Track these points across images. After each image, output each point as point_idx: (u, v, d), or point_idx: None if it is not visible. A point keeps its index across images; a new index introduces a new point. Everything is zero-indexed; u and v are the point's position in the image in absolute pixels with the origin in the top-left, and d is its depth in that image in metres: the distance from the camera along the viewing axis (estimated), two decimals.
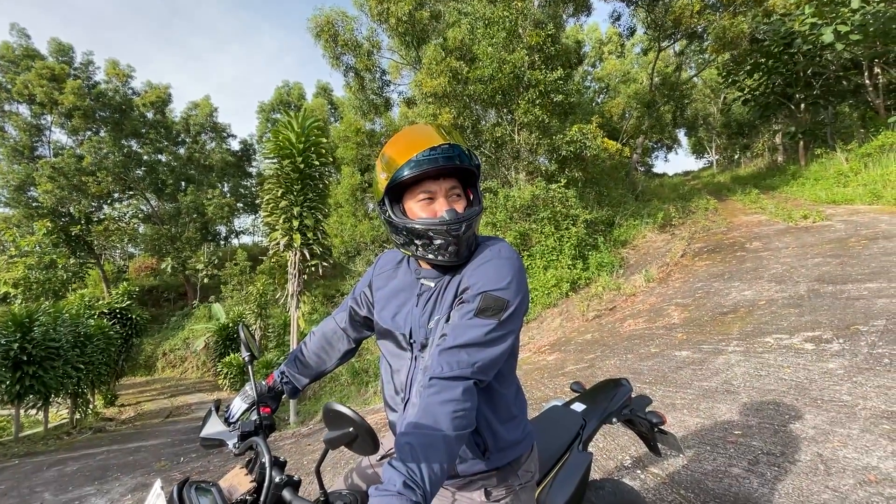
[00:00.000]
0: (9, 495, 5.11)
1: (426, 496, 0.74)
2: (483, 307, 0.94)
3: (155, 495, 0.95)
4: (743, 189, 16.94)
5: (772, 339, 4.29)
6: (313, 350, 1.36)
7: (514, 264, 1.01)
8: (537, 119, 12.00)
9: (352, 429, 0.83)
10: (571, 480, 1.35)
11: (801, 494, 2.18)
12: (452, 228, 0.98)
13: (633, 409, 1.71)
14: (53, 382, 10.06)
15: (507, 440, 1.07)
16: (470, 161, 1.01)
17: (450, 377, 0.88)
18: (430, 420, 0.83)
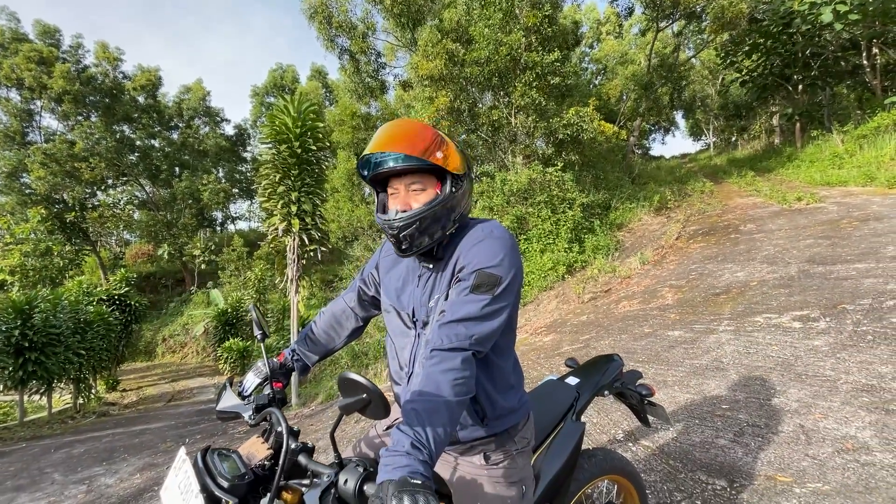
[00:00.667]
0: (19, 476, 5.25)
1: (432, 455, 0.81)
2: (477, 284, 1.01)
3: (181, 460, 1.01)
4: (739, 171, 16.99)
5: (761, 318, 4.41)
6: (323, 328, 1.43)
7: (506, 242, 1.07)
8: (534, 102, 11.93)
9: (365, 395, 0.90)
10: (565, 448, 1.45)
11: (783, 462, 2.30)
12: (392, 228, 1.07)
13: (624, 382, 1.80)
14: (56, 368, 10.16)
15: (504, 408, 1.15)
16: (418, 162, 1.04)
17: (449, 349, 0.95)
18: (433, 388, 0.90)
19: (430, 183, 1.10)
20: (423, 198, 1.09)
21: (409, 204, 1.09)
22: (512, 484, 1.15)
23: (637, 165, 19.41)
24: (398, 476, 0.74)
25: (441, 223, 1.09)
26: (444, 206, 1.08)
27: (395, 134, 1.07)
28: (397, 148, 1.04)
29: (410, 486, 0.71)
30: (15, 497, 4.35)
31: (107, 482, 4.65)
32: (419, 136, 1.06)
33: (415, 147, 1.04)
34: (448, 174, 1.10)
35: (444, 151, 1.08)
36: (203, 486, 0.90)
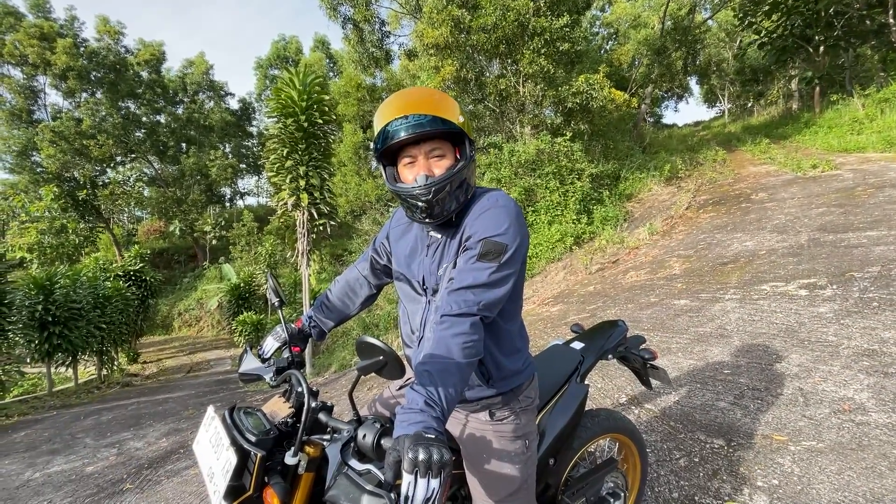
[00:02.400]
0: (53, 441, 5.57)
1: (444, 412, 0.86)
2: (484, 252, 1.05)
3: (210, 418, 1.09)
4: (753, 139, 16.55)
5: (768, 286, 4.43)
6: (338, 296, 1.50)
7: (511, 211, 1.10)
8: (542, 69, 11.62)
9: (382, 357, 0.96)
10: (569, 408, 1.53)
11: (780, 422, 2.39)
12: (422, 194, 1.07)
13: (627, 346, 1.86)
14: (79, 341, 10.56)
15: (509, 370, 1.22)
16: (443, 125, 1.06)
17: (458, 314, 1.00)
18: (444, 350, 0.95)
19: (448, 149, 1.12)
20: (444, 163, 1.11)
21: (431, 170, 1.10)
22: (516, 438, 1.22)
23: (648, 134, 18.98)
24: (413, 431, 0.80)
25: (464, 187, 1.12)
26: (467, 169, 1.11)
27: (415, 98, 1.07)
28: (420, 109, 1.05)
29: (425, 439, 0.77)
30: (51, 459, 4.64)
31: (135, 445, 4.92)
32: (438, 99, 1.07)
33: (437, 108, 1.05)
34: (466, 138, 1.12)
35: (464, 115, 1.10)
36: (233, 440, 0.98)
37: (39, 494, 3.61)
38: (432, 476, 0.75)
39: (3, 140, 25.83)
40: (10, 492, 3.75)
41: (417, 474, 0.74)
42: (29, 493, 3.66)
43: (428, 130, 1.06)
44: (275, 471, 0.99)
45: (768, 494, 1.93)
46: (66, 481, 3.88)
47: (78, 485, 3.74)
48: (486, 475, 1.19)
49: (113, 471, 4.02)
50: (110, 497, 3.37)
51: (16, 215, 22.70)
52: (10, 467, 4.48)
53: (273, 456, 1.01)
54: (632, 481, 1.84)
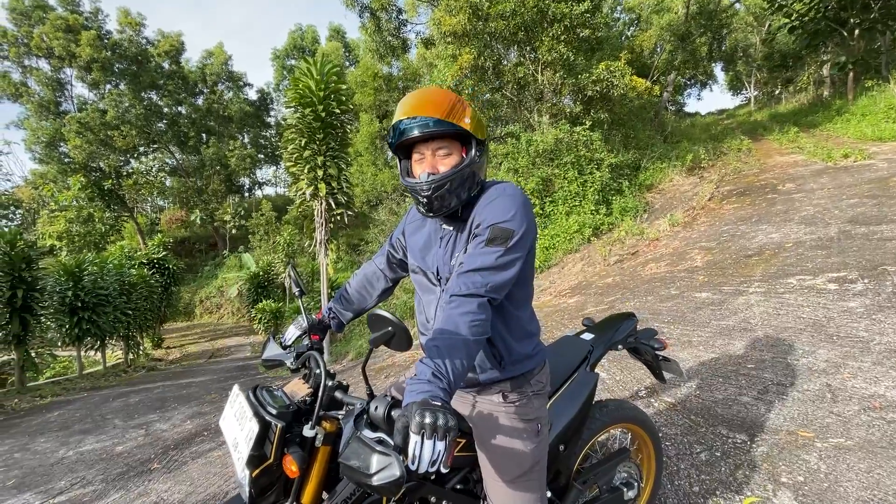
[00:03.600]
0: (84, 421, 5.80)
1: (451, 384, 0.90)
2: (492, 237, 1.10)
3: (235, 395, 1.17)
4: (781, 127, 16.00)
5: (794, 280, 4.30)
6: (356, 289, 1.58)
7: (517, 199, 1.15)
8: (562, 57, 11.39)
9: (390, 328, 1.01)
10: (579, 396, 1.55)
11: (806, 419, 2.33)
12: (422, 189, 1.14)
13: (637, 337, 1.85)
14: (107, 326, 10.94)
15: (520, 353, 1.26)
16: (449, 127, 1.11)
17: (466, 294, 1.05)
18: (452, 327, 0.99)
19: (456, 148, 1.17)
20: (450, 161, 1.16)
21: (437, 167, 1.16)
22: (528, 421, 1.25)
23: (670, 123, 18.51)
24: (420, 398, 0.84)
25: (466, 185, 1.17)
26: (470, 168, 1.15)
27: (425, 99, 1.13)
28: (427, 112, 1.11)
29: (431, 405, 0.81)
30: (83, 438, 4.84)
31: (161, 427, 5.09)
32: (447, 102, 1.12)
33: (444, 111, 1.11)
34: (473, 139, 1.17)
35: (470, 116, 1.15)
36: (255, 412, 1.05)
37: (73, 472, 3.77)
38: (438, 438, 0.79)
39: (32, 131, 26.66)
40: (46, 468, 3.93)
41: (424, 436, 0.79)
42: (63, 470, 3.83)
43: (434, 130, 1.11)
44: (294, 442, 1.06)
45: (793, 491, 1.89)
46: (97, 460, 4.04)
47: (108, 463, 3.90)
48: (498, 455, 1.22)
49: (141, 451, 4.18)
50: (139, 476, 3.50)
51: (45, 204, 23.51)
52: (45, 445, 4.69)
53: (292, 429, 1.07)
54: (647, 472, 1.84)
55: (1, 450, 4.65)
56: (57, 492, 3.35)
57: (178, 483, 3.24)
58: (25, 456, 4.37)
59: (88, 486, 3.40)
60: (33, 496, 3.31)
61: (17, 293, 8.27)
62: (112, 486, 3.33)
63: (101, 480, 3.48)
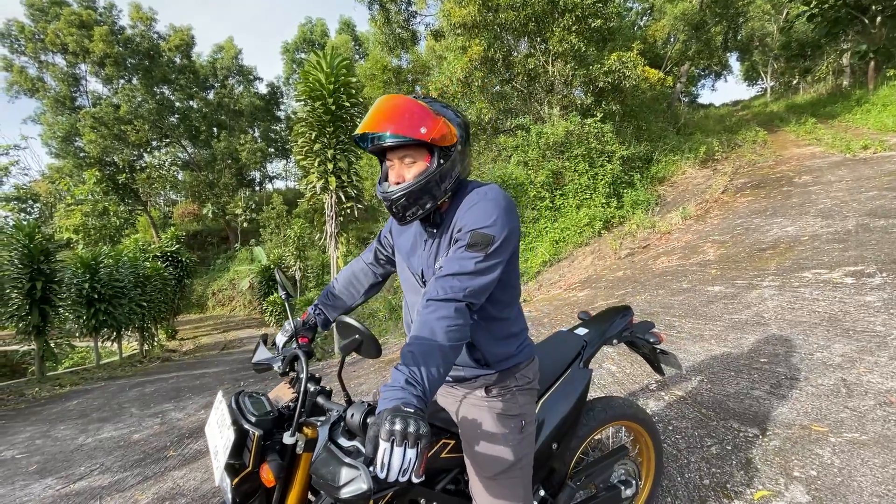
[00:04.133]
0: (103, 409, 5.95)
1: (425, 392, 0.88)
2: (472, 242, 1.09)
3: (218, 401, 1.16)
4: (798, 118, 15.66)
5: (810, 273, 4.23)
6: (343, 285, 1.56)
7: (500, 204, 1.13)
8: (573, 48, 11.25)
9: (358, 336, 1.00)
10: (571, 393, 1.52)
11: (820, 413, 2.30)
12: (386, 199, 1.16)
13: (633, 331, 1.82)
14: (123, 318, 11.17)
15: (503, 353, 1.25)
16: (403, 139, 1.09)
17: (443, 299, 1.03)
18: (428, 332, 0.97)
19: (421, 155, 1.15)
20: (415, 170, 1.15)
21: (403, 176, 1.16)
22: (511, 417, 1.24)
23: (683, 114, 18.21)
24: (392, 405, 0.83)
25: (431, 193, 1.15)
26: (432, 177, 1.13)
27: (382, 113, 1.12)
28: (382, 128, 1.10)
29: (402, 412, 0.80)
30: (101, 426, 4.97)
31: (177, 416, 5.20)
32: (404, 114, 1.10)
33: (399, 125, 1.09)
34: (435, 148, 1.14)
35: (429, 125, 1.10)
36: (234, 420, 1.04)
37: (92, 458, 3.88)
38: (409, 446, 0.76)
39: (48, 126, 27.09)
40: (67, 454, 4.05)
41: (394, 443, 0.76)
42: (83, 457, 3.94)
43: (390, 144, 1.11)
44: (273, 450, 1.04)
45: (805, 485, 1.88)
46: (115, 447, 4.15)
47: (126, 450, 4.00)
48: (480, 450, 1.21)
49: (157, 439, 4.27)
50: (156, 462, 3.59)
51: (62, 198, 23.96)
52: (65, 432, 4.82)
53: (272, 436, 1.06)
54: (645, 471, 1.82)
55: (23, 436, 4.79)
56: (77, 477, 3.44)
57: (192, 470, 3.31)
58: (46, 442, 4.49)
59: (107, 472, 3.50)
60: (54, 481, 3.41)
61: (37, 285, 8.47)
62: (130, 472, 3.42)
63: (119, 467, 3.57)
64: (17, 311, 8.50)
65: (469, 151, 1.25)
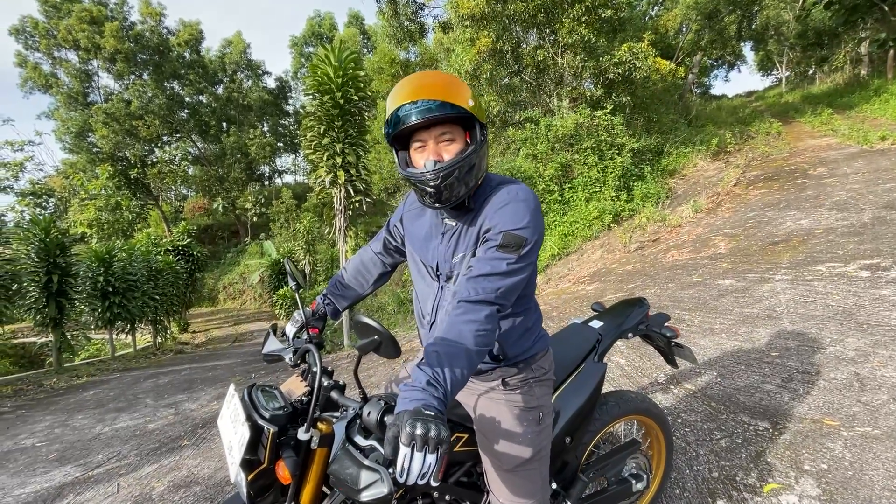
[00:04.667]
0: (118, 400, 6.08)
1: (446, 394, 0.86)
2: (504, 244, 1.07)
3: (230, 395, 1.14)
4: (814, 109, 15.35)
5: (824, 267, 4.17)
6: (352, 274, 1.53)
7: (531, 205, 1.11)
8: (583, 39, 11.11)
9: (377, 336, 0.99)
10: (586, 387, 1.51)
11: (832, 407, 2.28)
12: (430, 179, 1.07)
13: (648, 324, 1.80)
14: (136, 310, 11.36)
15: (521, 347, 1.24)
16: (452, 110, 1.04)
17: (476, 300, 1.02)
18: (456, 335, 0.96)
19: (458, 133, 1.11)
20: (454, 148, 1.10)
21: (441, 155, 1.10)
22: (529, 409, 1.23)
23: (695, 106, 17.93)
24: (413, 407, 0.81)
25: (474, 172, 1.11)
26: (477, 154, 1.10)
27: (423, 82, 1.06)
28: (428, 94, 1.04)
29: (423, 415, 0.78)
30: (118, 416, 5.08)
31: (190, 407, 5.30)
32: (447, 83, 1.06)
33: (445, 93, 1.04)
34: (476, 122, 1.11)
35: (473, 98, 1.08)
36: (248, 416, 1.02)
37: (109, 446, 3.97)
38: (429, 451, 0.75)
39: (62, 122, 27.47)
40: (85, 443, 4.15)
41: (414, 448, 0.75)
42: (101, 445, 4.04)
43: (437, 115, 1.04)
44: (288, 445, 1.03)
45: (816, 478, 1.87)
46: (131, 436, 4.24)
47: (142, 439, 4.09)
48: (498, 445, 1.20)
49: (171, 428, 4.36)
50: (171, 451, 3.67)
51: (76, 193, 24.35)
52: (83, 422, 4.94)
53: (286, 431, 1.05)
54: (656, 464, 1.82)
55: (42, 425, 4.92)
56: (95, 465, 3.54)
57: (206, 459, 3.38)
58: (65, 431, 4.61)
59: (124, 459, 3.58)
60: (74, 468, 3.50)
61: (53, 278, 8.64)
62: (146, 461, 3.50)
63: (135, 455, 3.66)
64: (35, 303, 8.69)
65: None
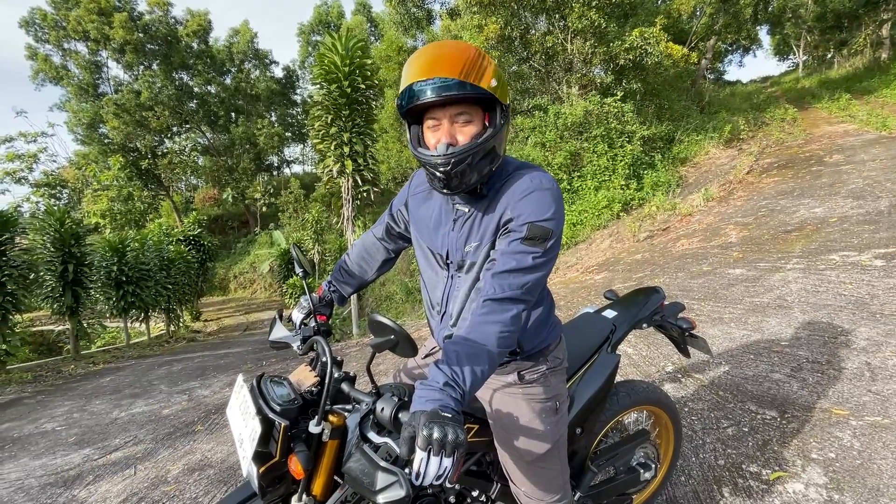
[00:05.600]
0: (134, 386, 6.22)
1: (464, 395, 0.85)
2: (529, 236, 1.01)
3: (239, 386, 1.13)
4: (831, 95, 14.97)
5: (837, 256, 4.11)
6: (355, 260, 1.47)
7: (555, 194, 1.04)
8: (593, 24, 10.90)
9: (393, 336, 0.97)
10: (599, 378, 1.50)
11: (841, 396, 2.27)
12: (441, 164, 0.99)
13: (664, 315, 1.77)
14: (150, 299, 11.57)
15: (536, 338, 1.21)
16: (471, 90, 0.95)
17: (502, 298, 0.97)
18: (478, 336, 0.93)
19: (477, 113, 1.01)
20: (471, 130, 1.00)
21: (455, 137, 1.01)
22: (546, 400, 1.21)
23: (708, 92, 17.57)
24: (430, 408, 0.79)
25: (490, 158, 1.02)
26: (494, 139, 1.01)
27: (441, 56, 0.96)
28: (445, 72, 0.93)
29: (440, 418, 0.76)
30: (133, 402, 5.21)
31: (203, 393, 5.41)
32: (468, 59, 0.95)
33: (464, 71, 0.94)
34: (498, 104, 1.01)
35: (496, 77, 0.98)
36: (258, 409, 1.01)
37: (126, 431, 4.08)
38: (445, 455, 0.74)
39: (74, 113, 27.73)
40: (103, 427, 4.27)
41: (431, 452, 0.74)
42: (117, 429, 4.15)
43: (454, 94, 0.94)
44: (300, 438, 1.02)
45: (823, 467, 1.86)
46: (146, 421, 4.35)
47: (157, 424, 4.20)
48: (517, 439, 1.18)
49: (185, 414, 4.46)
50: (185, 436, 3.76)
51: (89, 184, 24.68)
52: (100, 407, 5.08)
53: (298, 424, 1.04)
54: (664, 453, 1.82)
55: (61, 410, 5.07)
56: (113, 448, 3.64)
57: (219, 444, 3.46)
58: (83, 416, 4.74)
59: (140, 443, 3.68)
60: (92, 451, 3.61)
61: (69, 268, 8.82)
62: (161, 445, 3.59)
63: (151, 439, 3.76)
64: (52, 292, 8.88)
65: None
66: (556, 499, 1.24)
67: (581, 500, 1.51)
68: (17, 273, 7.40)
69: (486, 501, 1.40)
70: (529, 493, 1.23)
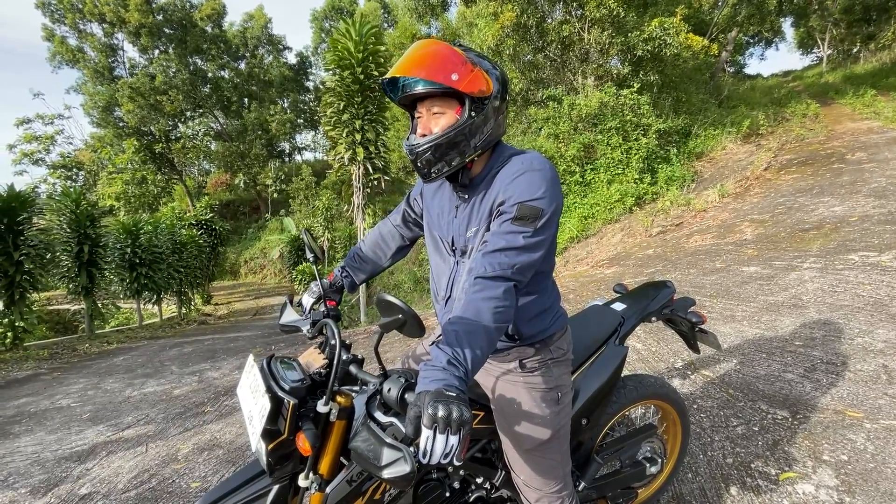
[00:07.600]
0: (146, 366, 6.35)
1: (467, 373, 0.86)
2: (519, 216, 1.03)
3: (249, 366, 1.15)
4: (856, 90, 14.53)
5: (856, 256, 4.01)
6: (370, 247, 1.51)
7: (546, 174, 1.06)
8: (611, 13, 10.67)
9: (401, 315, 0.98)
10: (605, 369, 1.49)
11: (856, 399, 2.23)
12: (411, 153, 1.10)
13: (673, 309, 1.75)
14: (162, 282, 11.76)
15: (538, 327, 1.21)
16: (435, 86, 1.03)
17: (492, 276, 0.99)
18: (473, 313, 0.95)
19: (451, 107, 1.08)
20: (443, 122, 1.08)
21: (430, 128, 1.09)
22: (548, 390, 1.21)
23: (727, 86, 17.16)
24: (434, 388, 0.81)
25: (460, 149, 1.08)
26: (461, 131, 1.06)
27: (415, 58, 1.04)
28: (414, 72, 1.03)
29: (445, 396, 0.78)
30: (146, 381, 5.32)
31: (213, 375, 5.50)
32: (438, 59, 1.03)
33: (430, 70, 1.02)
34: (466, 97, 1.06)
35: (461, 73, 1.03)
36: (268, 387, 1.03)
37: (138, 409, 4.17)
38: (451, 433, 0.75)
39: (90, 96, 28.00)
40: (115, 405, 4.37)
41: (437, 430, 0.75)
42: (130, 408, 4.25)
43: (420, 91, 1.05)
44: (308, 417, 1.05)
45: (835, 469, 1.84)
46: (158, 400, 4.44)
47: (168, 404, 4.28)
48: (517, 426, 1.20)
49: (195, 395, 4.55)
50: (195, 416, 3.83)
51: (104, 166, 25.00)
52: (113, 385, 5.19)
53: (306, 403, 1.06)
54: (671, 448, 1.81)
55: (76, 387, 5.19)
56: (125, 426, 3.72)
57: (228, 425, 3.52)
58: (97, 394, 4.85)
59: (151, 422, 3.76)
60: (105, 428, 3.70)
61: (84, 248, 8.97)
62: (172, 424, 3.67)
63: (162, 419, 3.84)
64: (68, 272, 9.06)
65: (506, 109, 1.17)
66: (556, 489, 1.25)
67: (585, 492, 1.50)
68: (34, 252, 7.55)
69: (489, 489, 1.40)
70: (528, 480, 1.25)
